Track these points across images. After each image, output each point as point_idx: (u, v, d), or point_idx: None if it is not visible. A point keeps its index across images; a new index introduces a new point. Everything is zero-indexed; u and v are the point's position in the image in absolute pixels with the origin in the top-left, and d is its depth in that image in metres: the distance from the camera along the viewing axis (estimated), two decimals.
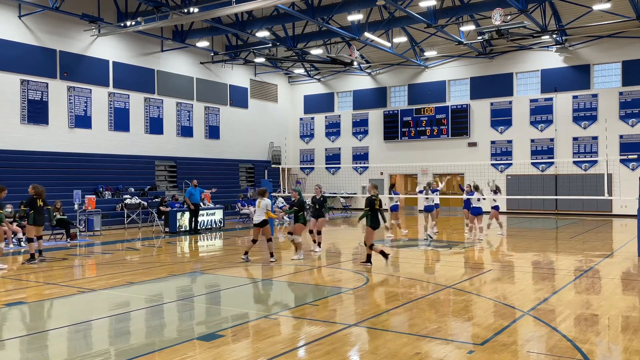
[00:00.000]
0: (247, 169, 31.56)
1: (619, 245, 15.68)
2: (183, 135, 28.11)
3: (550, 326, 7.09)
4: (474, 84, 30.00)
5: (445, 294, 9.16)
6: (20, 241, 16.04)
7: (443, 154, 29.86)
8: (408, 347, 6.20)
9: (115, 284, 10.14)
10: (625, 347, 6.25)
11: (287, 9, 21.88)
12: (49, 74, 22.37)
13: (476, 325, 7.26)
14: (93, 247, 16.39)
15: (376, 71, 32.73)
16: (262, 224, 12.17)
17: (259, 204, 12.23)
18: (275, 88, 34.25)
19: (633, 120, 26.13)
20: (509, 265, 12.31)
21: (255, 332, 6.95)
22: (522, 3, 20.75)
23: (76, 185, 20.90)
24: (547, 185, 27.57)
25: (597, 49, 26.90)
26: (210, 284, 10.75)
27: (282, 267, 11.99)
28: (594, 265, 12.03)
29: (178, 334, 7.01)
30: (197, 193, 20.16)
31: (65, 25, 22.72)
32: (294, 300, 9.24)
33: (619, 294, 9.29)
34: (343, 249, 15.49)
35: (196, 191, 20.19)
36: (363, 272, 11.16)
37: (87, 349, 6.45)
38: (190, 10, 20.73)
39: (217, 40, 28.99)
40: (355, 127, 33.58)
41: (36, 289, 9.82)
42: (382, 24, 24.68)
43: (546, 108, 28.08)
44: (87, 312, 8.35)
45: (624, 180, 24.06)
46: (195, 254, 15.29)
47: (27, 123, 21.65)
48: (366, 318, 7.54)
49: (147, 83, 26.39)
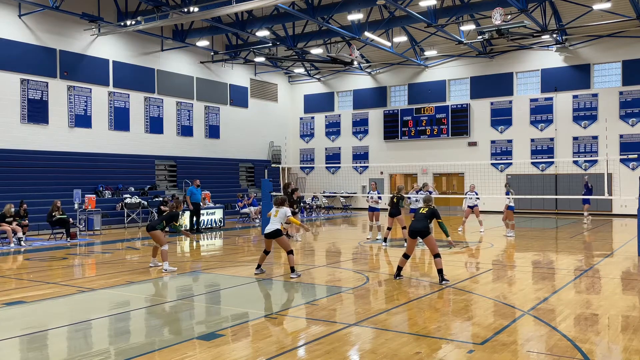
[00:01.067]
0: (247, 168, 31.55)
1: (619, 244, 15.68)
2: (183, 135, 28.10)
3: (550, 326, 7.08)
4: (474, 83, 30.00)
5: (445, 294, 9.16)
6: (20, 240, 16.04)
7: (443, 154, 29.85)
8: (408, 347, 6.20)
9: (115, 284, 10.14)
10: (625, 347, 6.25)
11: (287, 9, 21.87)
12: (49, 73, 22.36)
13: (476, 324, 7.25)
14: (93, 247, 16.39)
15: (376, 71, 32.72)
16: (274, 235, 10.75)
17: (277, 213, 10.91)
18: (276, 87, 34.24)
19: (633, 120, 26.12)
20: (509, 265, 12.30)
21: (255, 331, 6.95)
22: (522, 2, 20.74)
23: (76, 185, 20.89)
24: (547, 184, 27.56)
25: (597, 49, 26.89)
26: (210, 283, 10.75)
27: (282, 267, 11.99)
28: (594, 265, 12.03)
29: (178, 334, 7.01)
30: (198, 192, 20.20)
31: (65, 25, 22.71)
32: (294, 299, 9.23)
33: (619, 294, 9.28)
34: (343, 249, 15.49)
35: (197, 191, 20.23)
36: (363, 272, 11.15)
37: (87, 348, 6.45)
38: (190, 9, 20.73)
39: (217, 39, 28.98)
40: (355, 127, 33.58)
41: (36, 289, 9.81)
42: (382, 24, 24.67)
43: (546, 108, 28.07)
44: (87, 311, 8.35)
45: (624, 180, 24.07)
46: (195, 254, 15.28)
47: (27, 122, 21.64)
48: (366, 317, 7.54)
49: (147, 82, 26.39)
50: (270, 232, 10.73)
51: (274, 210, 11.04)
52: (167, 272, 11.32)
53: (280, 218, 10.88)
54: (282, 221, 10.92)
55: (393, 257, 13.41)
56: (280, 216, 10.88)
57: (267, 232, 10.81)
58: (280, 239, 10.79)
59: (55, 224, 17.32)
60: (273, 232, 10.71)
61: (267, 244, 11.05)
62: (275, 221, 10.83)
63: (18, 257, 13.96)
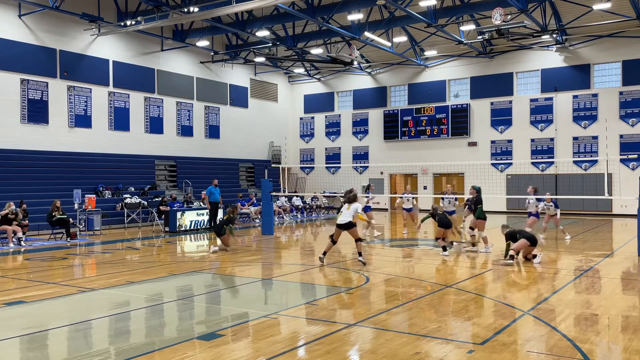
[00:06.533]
0: (247, 168, 31.55)
1: (619, 245, 15.68)
2: (183, 135, 28.10)
3: (550, 326, 7.08)
4: (474, 83, 30.00)
5: (445, 294, 9.15)
6: (20, 240, 16.04)
7: (443, 154, 29.85)
8: (408, 347, 6.20)
9: (115, 284, 10.14)
10: (625, 347, 6.25)
11: (287, 9, 21.88)
12: (49, 73, 22.36)
13: (476, 324, 7.25)
14: (93, 247, 16.38)
15: (376, 71, 32.72)
16: (347, 226, 11.97)
17: (349, 207, 12.10)
18: (275, 87, 34.24)
19: (633, 120, 26.13)
20: (509, 265, 12.29)
21: (255, 331, 6.95)
22: (522, 3, 20.74)
23: (76, 185, 20.88)
24: (547, 185, 27.55)
25: (597, 49, 26.89)
26: (210, 283, 10.75)
27: (282, 267, 11.98)
28: (594, 265, 12.03)
29: (178, 334, 7.00)
30: (216, 192, 20.23)
31: (65, 25, 22.71)
32: (294, 299, 9.23)
33: (619, 294, 9.28)
34: (343, 249, 15.48)
35: (216, 190, 20.27)
36: (363, 272, 11.15)
37: (87, 348, 6.45)
38: (190, 9, 20.73)
39: (217, 39, 28.98)
40: (355, 127, 33.58)
41: (36, 289, 9.81)
42: (382, 24, 24.67)
43: (546, 108, 28.07)
44: (87, 311, 8.34)
45: (624, 180, 24.07)
46: (195, 253, 15.27)
47: (27, 122, 21.65)
48: (366, 318, 7.54)
49: (147, 82, 26.39)
50: (345, 223, 11.96)
51: (347, 204, 12.20)
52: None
53: (353, 211, 12.07)
54: (353, 213, 12.10)
55: (393, 257, 13.42)
56: (352, 209, 12.07)
57: (340, 223, 12.04)
58: (352, 230, 12.03)
59: (55, 224, 17.31)
60: (347, 224, 11.95)
61: (336, 234, 12.26)
62: (347, 214, 12.03)
63: (18, 257, 13.95)
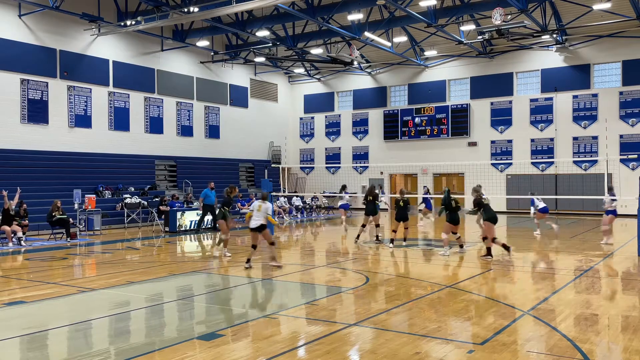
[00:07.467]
0: (247, 168, 31.54)
1: (619, 245, 15.68)
2: (183, 135, 28.10)
3: (550, 326, 7.08)
4: (474, 83, 30.00)
5: (445, 294, 9.15)
6: (20, 240, 16.03)
7: (443, 154, 29.84)
8: (408, 347, 6.20)
9: (115, 284, 10.14)
10: (625, 347, 6.25)
11: (287, 9, 21.88)
12: (49, 73, 22.36)
13: (476, 324, 7.26)
14: (93, 247, 16.38)
15: (376, 71, 32.72)
16: (260, 229, 11.46)
17: (260, 208, 11.50)
18: (275, 87, 34.24)
19: (633, 120, 26.12)
20: (509, 265, 12.30)
21: (255, 331, 6.95)
22: (522, 2, 20.74)
23: (76, 185, 20.87)
24: (547, 185, 27.56)
25: (597, 49, 26.89)
26: (210, 283, 10.74)
27: (282, 267, 11.97)
28: (594, 265, 12.03)
29: (178, 334, 7.01)
30: (212, 195, 20.26)
31: (65, 25, 22.70)
32: (294, 299, 9.23)
33: (619, 294, 9.29)
34: (343, 249, 15.49)
35: (212, 193, 20.29)
36: (363, 272, 11.16)
37: (87, 348, 6.45)
38: (190, 9, 20.72)
39: (217, 39, 28.98)
40: (355, 127, 33.57)
41: (36, 289, 9.81)
42: (382, 24, 24.67)
43: (546, 108, 28.07)
44: (87, 311, 8.35)
45: (624, 180, 24.06)
46: (195, 253, 15.27)
47: (27, 122, 21.64)
48: (366, 318, 7.54)
49: (147, 82, 26.38)
50: (258, 227, 11.47)
51: (258, 205, 11.65)
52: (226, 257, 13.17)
53: (264, 212, 11.52)
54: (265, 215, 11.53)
55: (393, 257, 13.42)
56: (263, 211, 11.52)
57: (253, 227, 11.51)
58: (264, 232, 11.56)
59: (55, 224, 17.31)
60: (260, 226, 11.47)
61: (253, 238, 11.72)
62: (258, 215, 11.50)
63: (18, 257, 13.95)
